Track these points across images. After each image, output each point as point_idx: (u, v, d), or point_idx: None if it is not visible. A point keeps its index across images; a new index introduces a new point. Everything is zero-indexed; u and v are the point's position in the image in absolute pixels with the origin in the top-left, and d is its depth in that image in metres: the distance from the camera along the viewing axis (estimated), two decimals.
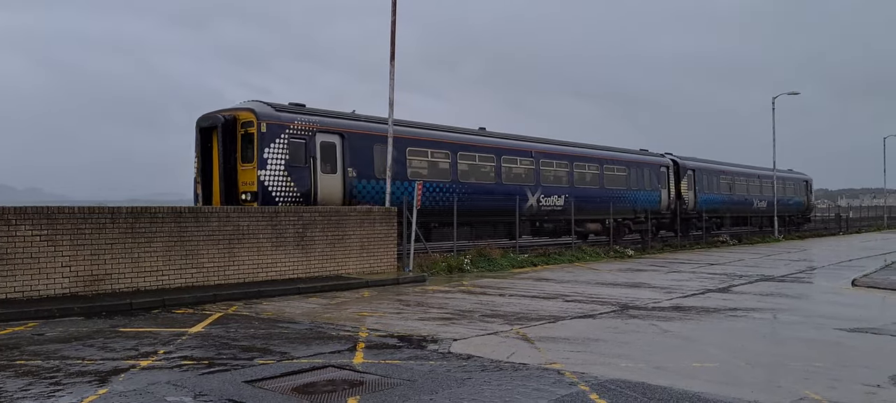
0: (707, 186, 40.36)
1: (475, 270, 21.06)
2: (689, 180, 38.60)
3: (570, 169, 30.04)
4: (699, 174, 39.64)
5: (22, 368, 8.37)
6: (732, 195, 43.37)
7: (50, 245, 13.21)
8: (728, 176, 43.36)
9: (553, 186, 29.01)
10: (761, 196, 47.09)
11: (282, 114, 20.08)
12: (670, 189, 37.07)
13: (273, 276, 16.52)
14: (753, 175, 46.84)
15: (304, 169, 20.09)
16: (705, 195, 39.96)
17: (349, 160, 21.21)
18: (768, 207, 46.94)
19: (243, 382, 7.80)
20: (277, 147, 19.51)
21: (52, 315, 11.96)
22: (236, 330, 11.08)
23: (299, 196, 19.81)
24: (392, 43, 19.98)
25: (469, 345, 10.03)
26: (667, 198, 36.69)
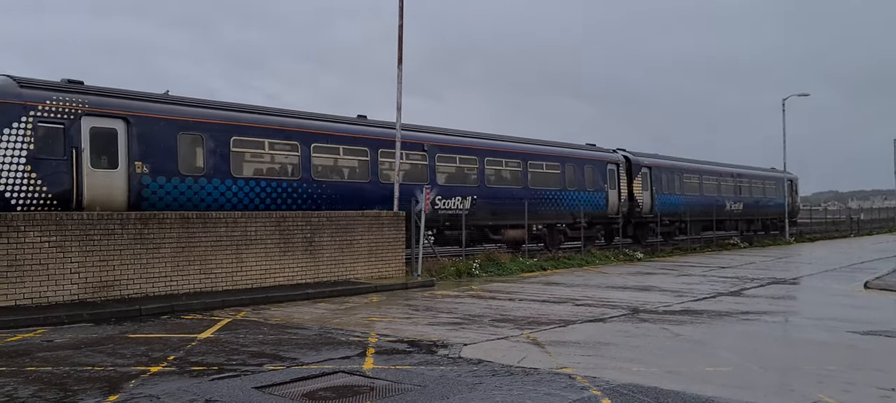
0: (667, 186, 35.68)
1: (484, 274, 21.00)
2: (643, 179, 33.88)
3: (479, 165, 25.23)
4: (657, 172, 34.81)
5: (32, 375, 8.36)
6: (700, 196, 38.55)
7: (59, 251, 13.22)
8: (694, 174, 38.64)
9: (455, 186, 24.26)
10: (737, 197, 42.53)
11: (26, 91, 15.46)
12: (620, 189, 32.11)
13: (281, 281, 16.49)
14: (726, 174, 42.23)
15: (59, 162, 15.48)
16: (665, 196, 35.23)
17: (138, 152, 16.60)
18: (745, 209, 43.24)
19: (253, 388, 7.76)
20: (14, 134, 14.97)
21: (61, 321, 11.96)
22: (245, 335, 11.05)
23: (51, 198, 15.26)
24: (399, 47, 19.96)
25: (479, 350, 9.97)
26: (616, 200, 31.73)
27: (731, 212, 41.67)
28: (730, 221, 41.79)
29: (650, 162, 34.70)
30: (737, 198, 42.50)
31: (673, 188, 36.13)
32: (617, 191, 31.85)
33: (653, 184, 34.32)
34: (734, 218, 42.00)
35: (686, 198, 36.98)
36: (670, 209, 35.47)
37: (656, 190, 34.53)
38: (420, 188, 21.53)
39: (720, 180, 41.08)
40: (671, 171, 36.40)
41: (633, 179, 33.15)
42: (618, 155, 32.86)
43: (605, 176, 31.19)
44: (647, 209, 33.93)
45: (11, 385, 7.87)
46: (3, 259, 12.53)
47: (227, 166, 18.19)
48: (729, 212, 41.40)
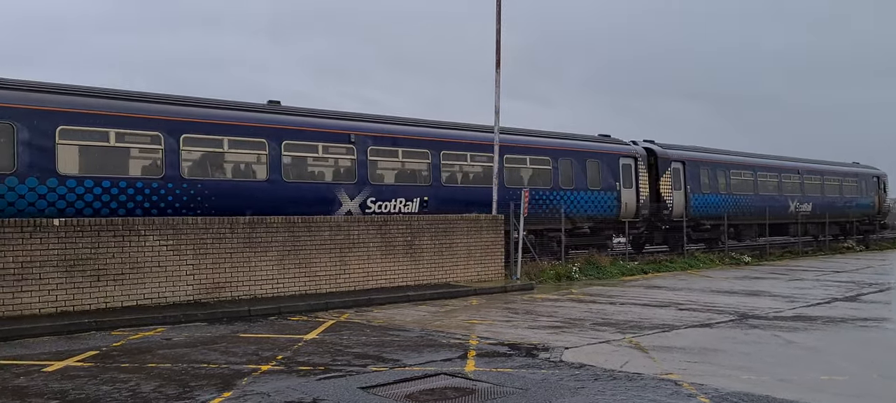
0: (707, 184, 30.19)
1: (584, 278, 20.75)
2: (675, 176, 28.73)
3: (432, 160, 20.88)
4: (692, 168, 29.45)
5: (153, 371, 8.83)
6: (754, 196, 32.64)
7: (175, 254, 13.91)
8: (744, 170, 32.68)
9: (398, 186, 20.29)
10: (804, 196, 35.98)
11: None
12: (639, 188, 26.98)
13: (383, 284, 16.80)
14: (789, 169, 35.66)
15: None
16: (704, 195, 29.91)
17: None
18: (815, 210, 36.30)
19: (358, 388, 7.95)
20: None
21: (178, 320, 12.58)
22: (349, 337, 11.31)
23: None
24: (497, 51, 19.99)
25: (581, 354, 9.87)
26: (632, 201, 26.63)
27: (797, 215, 35.03)
28: (795, 225, 34.87)
29: (684, 155, 29.46)
30: (804, 198, 36.13)
31: (715, 186, 30.65)
32: (634, 189, 26.78)
33: (687, 182, 29.06)
34: (801, 222, 35.07)
35: (734, 197, 31.47)
36: (711, 211, 30.15)
37: (692, 188, 29.27)
38: (346, 189, 18.77)
39: (781, 177, 34.91)
40: (712, 167, 30.75)
41: (660, 176, 28.13)
42: (636, 147, 27.70)
43: (616, 172, 26.17)
44: (679, 211, 28.44)
45: (135, 380, 8.35)
46: (126, 261, 13.29)
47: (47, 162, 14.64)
48: (793, 215, 34.87)
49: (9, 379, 8.39)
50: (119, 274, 13.20)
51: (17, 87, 14.88)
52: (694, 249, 28.95)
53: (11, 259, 12.16)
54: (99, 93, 16.01)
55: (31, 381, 8.31)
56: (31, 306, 12.30)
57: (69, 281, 12.69)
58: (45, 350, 10.13)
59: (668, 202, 28.31)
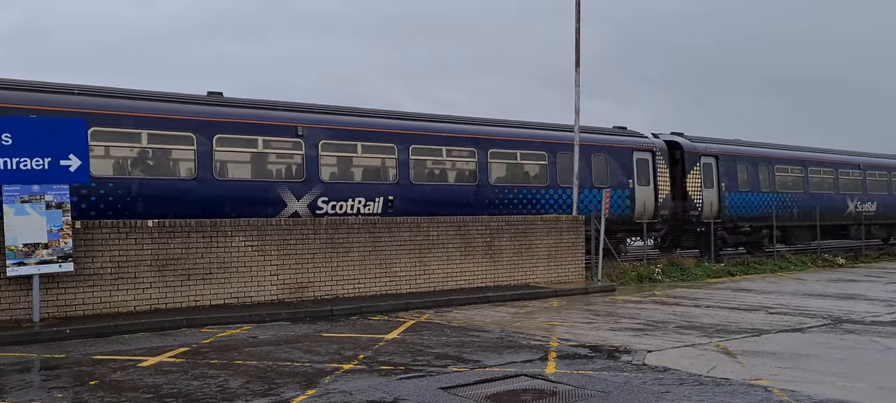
0: (745, 181, 26.85)
1: (667, 279, 20.28)
2: (705, 172, 25.58)
3: (398, 155, 18.69)
4: (727, 163, 26.22)
5: (240, 368, 9.08)
6: (804, 194, 29.07)
7: (260, 255, 14.27)
8: (792, 165, 29.16)
9: (357, 184, 18.29)
10: (866, 194, 31.84)
11: None
12: (657, 185, 24.01)
13: (462, 285, 16.82)
14: (848, 164, 31.69)
15: None
16: (742, 194, 26.55)
17: None
18: (882, 211, 32.31)
19: (438, 388, 7.96)
20: None
21: (263, 319, 12.90)
22: (429, 337, 11.37)
23: None
24: (577, 50, 19.76)
25: (665, 357, 9.64)
26: (650, 199, 23.76)
27: (859, 215, 31.06)
28: (857, 227, 31.04)
29: (717, 149, 26.25)
30: (867, 197, 31.88)
31: (756, 183, 27.10)
32: (652, 187, 23.87)
33: (721, 179, 25.84)
34: (864, 223, 31.07)
35: (779, 196, 27.89)
36: (751, 211, 26.74)
37: (727, 186, 26.01)
38: (291, 187, 17.08)
39: (838, 173, 30.98)
40: (752, 162, 27.11)
41: (687, 172, 25.18)
42: (654, 140, 24.84)
43: (629, 168, 23.29)
44: (711, 211, 25.43)
45: (223, 376, 8.60)
46: (214, 261, 13.72)
47: None
48: (852, 215, 31.00)
49: (106, 374, 8.77)
50: (207, 274, 13.64)
51: None
52: (730, 254, 26.89)
53: (109, 258, 12.73)
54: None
55: (127, 376, 8.66)
56: (127, 304, 12.84)
57: (161, 279, 13.19)
58: (140, 346, 10.55)
59: (696, 201, 25.26)
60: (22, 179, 11.66)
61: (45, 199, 11.86)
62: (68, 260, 12.02)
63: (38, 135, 11.82)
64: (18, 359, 9.73)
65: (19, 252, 11.64)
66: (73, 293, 12.39)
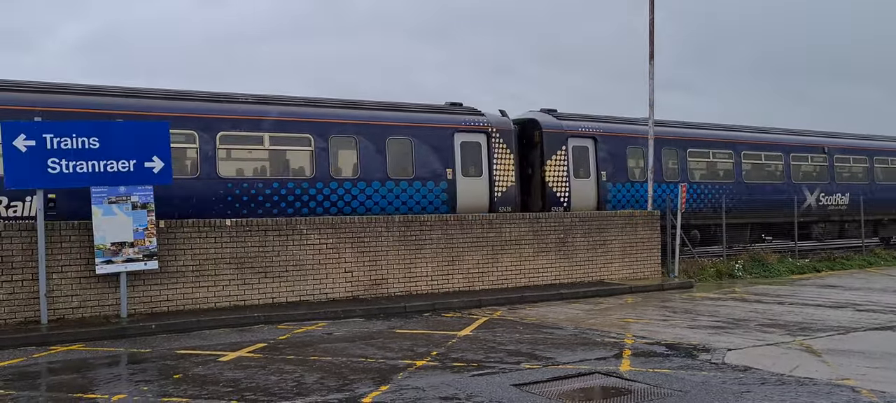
0: (639, 168, 21.76)
1: (748, 276, 19.68)
2: (575, 158, 20.55)
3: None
4: (610, 146, 21.10)
5: (315, 363, 9.24)
6: (736, 183, 23.69)
7: (335, 252, 14.50)
8: (718, 149, 23.66)
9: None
10: (832, 184, 26.40)
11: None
12: (493, 176, 18.89)
13: (535, 282, 16.70)
14: (812, 147, 26.06)
15: None
16: (633, 184, 21.45)
17: None
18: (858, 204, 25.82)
19: (511, 385, 7.93)
20: None
21: (337, 316, 13.11)
22: (502, 334, 11.33)
23: None
24: (650, 41, 19.36)
25: (745, 356, 9.35)
26: (483, 193, 18.70)
27: (821, 209, 25.92)
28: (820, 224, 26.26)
29: (595, 129, 21.06)
30: (833, 188, 26.38)
31: (658, 171, 21.01)
32: (485, 177, 18.81)
33: (600, 166, 20.82)
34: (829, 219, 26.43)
35: (694, 187, 22.56)
36: (645, 205, 20.14)
37: (610, 174, 20.94)
38: None
39: (790, 158, 25.27)
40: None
41: (546, 158, 20.03)
42: (493, 118, 19.48)
43: (448, 154, 18.32)
44: (589, 205, 20.38)
45: (299, 371, 8.77)
46: (289, 259, 14.01)
47: None
48: (812, 209, 25.60)
49: (189, 368, 9.07)
50: (283, 271, 13.93)
51: None
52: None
53: (190, 256, 13.14)
54: None
55: (209, 370, 8.93)
56: (208, 300, 13.23)
57: (240, 277, 13.54)
58: (220, 342, 10.86)
59: (559, 194, 20.14)
60: (109, 181, 12.16)
61: (131, 200, 12.34)
62: (153, 258, 12.48)
63: (124, 139, 12.31)
64: (107, 353, 10.15)
65: (107, 250, 12.14)
66: (158, 290, 12.85)
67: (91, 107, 14.68)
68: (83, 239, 12.29)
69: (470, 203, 18.40)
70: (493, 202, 18.79)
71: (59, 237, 12.18)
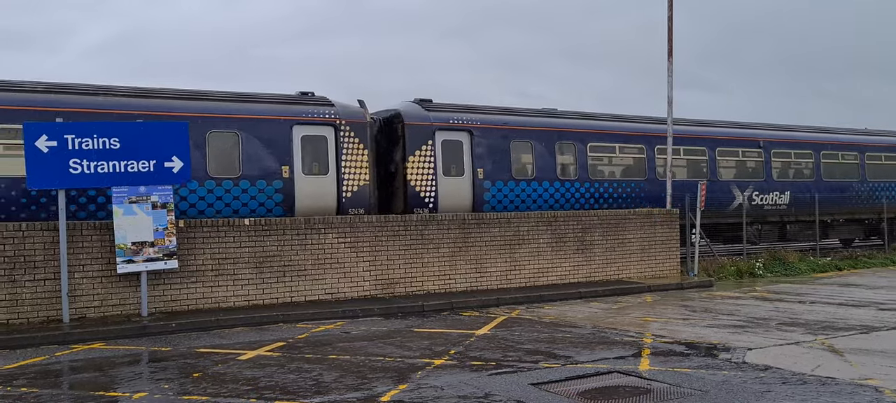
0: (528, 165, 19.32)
1: (768, 274, 19.51)
2: (445, 154, 18.20)
3: None
4: (489, 140, 18.66)
5: (334, 362, 9.27)
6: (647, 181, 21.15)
7: (353, 251, 14.53)
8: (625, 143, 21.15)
9: None
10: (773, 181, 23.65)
11: None
12: (341, 173, 16.73)
13: (553, 281, 16.66)
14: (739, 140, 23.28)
15: None
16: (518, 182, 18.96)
17: None
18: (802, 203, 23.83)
19: (529, 384, 7.91)
20: None
21: (355, 315, 13.14)
22: (520, 333, 11.31)
23: None
24: (669, 39, 19.25)
25: (766, 355, 9.27)
26: (329, 194, 16.67)
27: (755, 209, 23.17)
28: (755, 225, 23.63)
29: (472, 121, 18.65)
30: (772, 185, 23.58)
31: (548, 168, 19.42)
32: (332, 176, 16.68)
33: (476, 163, 18.40)
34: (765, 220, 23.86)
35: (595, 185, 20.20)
36: (534, 205, 19.06)
37: (488, 172, 18.50)
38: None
39: (715, 152, 22.64)
40: (546, 138, 19.29)
41: (409, 154, 17.81)
42: (343, 108, 17.23)
43: (285, 149, 16.25)
44: (458, 204, 18.09)
45: (317, 370, 8.80)
46: (308, 258, 14.07)
47: None
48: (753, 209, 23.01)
49: (209, 366, 9.13)
50: (302, 270, 13.99)
51: None
52: None
53: (209, 255, 13.23)
54: None
55: (228, 369, 8.98)
56: (227, 299, 13.32)
57: (259, 276, 13.61)
58: (239, 340, 10.92)
59: (424, 194, 17.86)
60: (129, 181, 12.26)
61: (151, 199, 12.44)
62: (173, 257, 12.57)
63: (143, 139, 12.41)
64: (128, 352, 10.24)
65: (128, 250, 12.25)
66: (178, 289, 12.95)
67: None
68: (104, 239, 12.41)
69: (311, 204, 16.42)
70: (342, 203, 16.70)
71: (81, 236, 12.30)
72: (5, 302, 11.78)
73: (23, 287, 11.89)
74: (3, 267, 11.78)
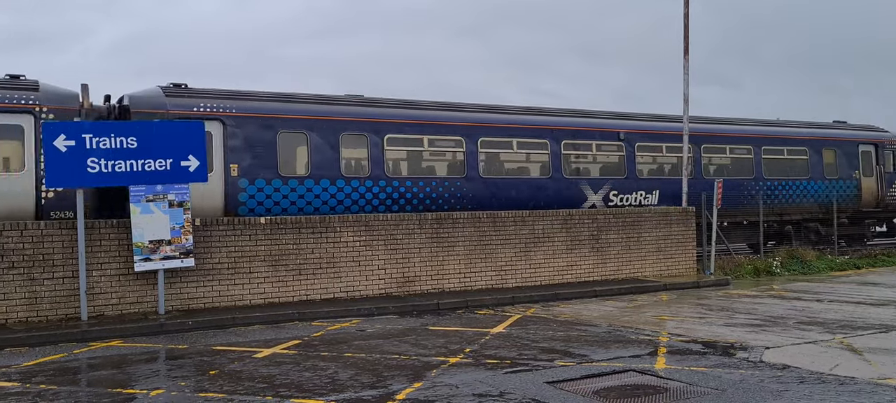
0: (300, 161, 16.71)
1: (786, 273, 19.37)
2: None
3: None
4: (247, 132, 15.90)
5: (349, 360, 9.29)
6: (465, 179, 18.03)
7: (368, 249, 14.56)
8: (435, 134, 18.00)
9: None
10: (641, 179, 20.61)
11: None
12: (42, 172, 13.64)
13: (568, 279, 16.61)
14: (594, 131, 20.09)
15: None
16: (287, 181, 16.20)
17: None
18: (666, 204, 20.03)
19: (545, 383, 7.89)
20: None
21: (371, 313, 13.16)
22: (535, 331, 11.29)
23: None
24: (685, 35, 19.14)
25: (784, 354, 9.20)
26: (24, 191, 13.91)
27: None
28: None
29: (222, 109, 15.78)
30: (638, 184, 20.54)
31: (330, 164, 16.57)
32: (31, 174, 13.96)
33: (230, 157, 15.65)
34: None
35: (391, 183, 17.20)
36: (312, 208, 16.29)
37: (243, 168, 15.77)
38: None
39: (562, 146, 19.34)
40: (326, 129, 16.62)
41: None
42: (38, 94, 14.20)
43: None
44: (211, 206, 15.36)
45: (333, 368, 8.82)
46: (323, 256, 14.11)
47: None
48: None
49: (225, 364, 9.18)
50: (317, 268, 14.03)
51: None
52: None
53: (225, 254, 13.29)
54: None
55: (244, 366, 9.03)
56: (243, 297, 13.38)
57: (274, 274, 13.66)
58: (255, 338, 10.97)
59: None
60: (147, 180, 12.34)
61: (168, 198, 12.52)
62: (189, 255, 12.64)
63: (160, 138, 12.48)
64: (145, 349, 10.32)
65: (145, 248, 12.33)
66: (194, 287, 13.02)
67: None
68: (122, 237, 12.50)
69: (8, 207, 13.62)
70: (42, 205, 13.93)
71: (99, 235, 12.40)
72: (25, 300, 11.90)
73: (42, 285, 12.00)
74: (23, 266, 11.90)
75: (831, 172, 24.35)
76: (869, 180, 25.13)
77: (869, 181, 25.13)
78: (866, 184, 25.08)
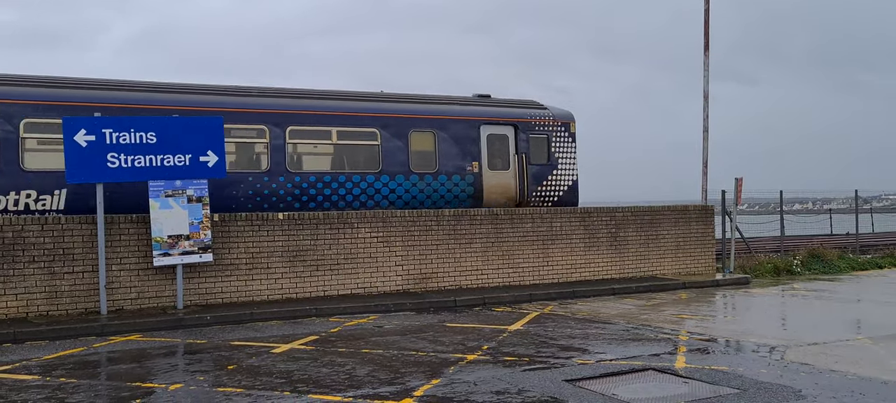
0: None
1: (806, 272, 19.18)
2: None
3: None
4: None
5: (367, 356, 9.28)
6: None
7: (385, 245, 14.55)
8: None
9: None
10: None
11: None
12: None
13: (586, 277, 16.52)
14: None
15: None
16: None
17: None
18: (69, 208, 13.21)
19: (563, 381, 7.84)
20: None
21: (388, 309, 13.15)
22: (553, 329, 11.23)
23: None
24: (706, 32, 18.98)
25: (805, 353, 9.09)
26: None
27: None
28: None
29: None
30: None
31: None
32: None
33: None
34: None
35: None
36: None
37: None
38: None
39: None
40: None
41: None
42: None
43: None
44: None
45: (351, 364, 8.81)
46: (341, 252, 14.12)
47: None
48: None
49: (243, 359, 9.19)
50: (335, 264, 14.04)
51: None
52: None
53: (243, 249, 13.33)
54: None
55: (262, 361, 9.04)
56: (261, 293, 13.41)
57: (292, 270, 13.68)
58: (273, 334, 10.99)
59: None
60: (166, 175, 12.40)
61: (187, 193, 12.56)
62: (208, 251, 12.68)
63: (179, 134, 12.52)
64: (164, 344, 10.36)
65: (164, 243, 12.39)
66: (213, 282, 13.06)
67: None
68: (141, 232, 12.56)
69: None
70: None
71: (118, 230, 12.46)
72: (45, 294, 11.99)
73: (62, 279, 12.09)
74: (44, 260, 11.98)
75: (426, 165, 16.54)
76: (501, 175, 17.24)
77: (501, 176, 17.24)
78: (496, 181, 17.18)
